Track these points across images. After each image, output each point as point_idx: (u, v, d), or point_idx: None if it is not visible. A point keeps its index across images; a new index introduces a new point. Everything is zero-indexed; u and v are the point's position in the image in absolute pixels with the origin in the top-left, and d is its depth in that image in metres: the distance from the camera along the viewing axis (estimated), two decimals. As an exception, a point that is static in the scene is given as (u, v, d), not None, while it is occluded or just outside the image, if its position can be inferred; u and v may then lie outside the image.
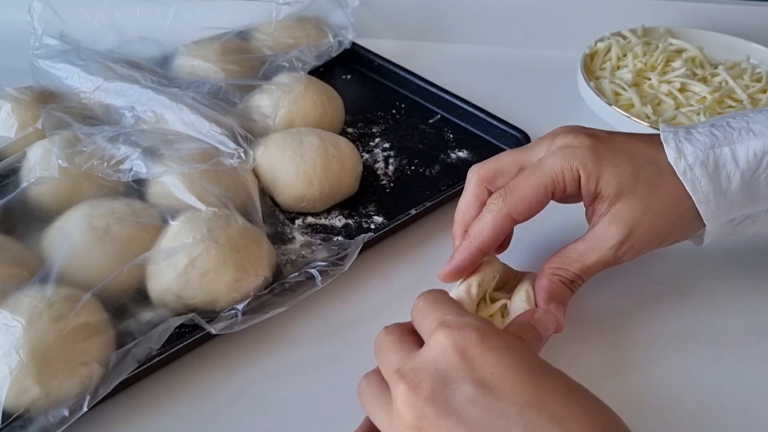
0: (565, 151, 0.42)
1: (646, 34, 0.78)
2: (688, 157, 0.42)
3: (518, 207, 0.42)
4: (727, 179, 0.42)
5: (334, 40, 0.75)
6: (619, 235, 0.41)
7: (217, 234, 0.46)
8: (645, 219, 0.41)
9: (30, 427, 0.38)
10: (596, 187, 0.42)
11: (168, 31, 0.69)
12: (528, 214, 0.43)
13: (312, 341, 0.47)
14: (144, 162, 0.50)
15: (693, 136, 0.43)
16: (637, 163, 0.42)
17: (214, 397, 0.43)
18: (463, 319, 0.35)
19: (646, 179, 0.42)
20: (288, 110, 0.62)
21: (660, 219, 0.42)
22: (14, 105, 0.57)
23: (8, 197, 0.48)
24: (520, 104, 0.71)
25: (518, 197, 0.42)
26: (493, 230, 0.43)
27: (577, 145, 0.42)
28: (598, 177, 0.41)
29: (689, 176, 0.41)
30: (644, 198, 0.41)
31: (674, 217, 0.43)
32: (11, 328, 0.39)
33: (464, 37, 0.84)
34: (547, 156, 0.43)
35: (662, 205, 0.42)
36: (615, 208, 0.42)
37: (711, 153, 0.42)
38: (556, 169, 0.42)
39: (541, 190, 0.42)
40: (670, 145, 0.42)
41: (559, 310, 0.42)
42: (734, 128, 0.43)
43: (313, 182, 0.55)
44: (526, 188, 0.42)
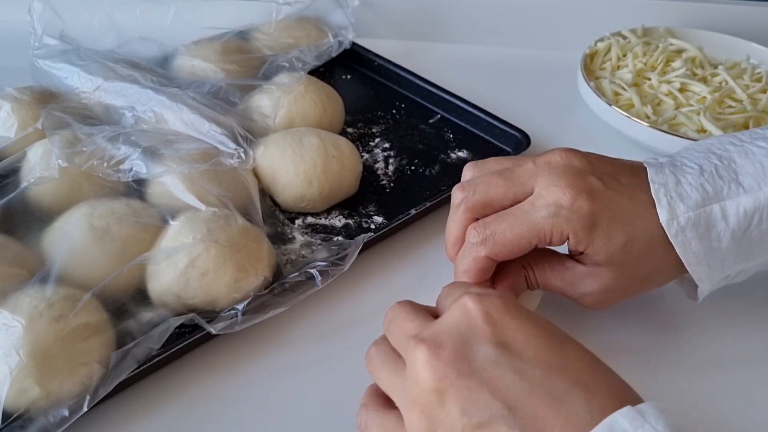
0: (558, 212, 0.40)
1: (646, 34, 0.78)
2: (680, 219, 0.40)
3: (498, 253, 0.41)
4: (718, 238, 0.41)
5: (334, 40, 0.75)
6: (593, 291, 0.42)
7: (217, 234, 0.46)
8: (622, 286, 0.42)
9: (30, 427, 0.38)
10: (584, 251, 0.41)
11: (168, 31, 0.69)
12: (507, 258, 0.42)
13: (312, 341, 0.47)
14: (144, 162, 0.50)
15: (684, 189, 0.41)
16: (631, 234, 0.41)
17: (214, 397, 0.43)
18: (489, 290, 0.36)
19: (637, 252, 0.41)
20: (288, 110, 0.62)
21: (639, 285, 0.43)
22: (14, 105, 0.57)
23: (8, 197, 0.48)
24: (520, 104, 0.71)
25: (500, 244, 0.41)
26: (476, 271, 0.42)
27: (573, 210, 0.40)
28: (588, 245, 0.41)
29: (680, 239, 0.41)
30: (630, 269, 0.41)
31: (655, 282, 0.44)
32: (11, 328, 0.39)
33: (464, 37, 0.84)
34: (539, 209, 0.40)
35: (646, 274, 0.42)
36: (600, 269, 0.41)
37: (702, 212, 0.41)
38: (546, 228, 0.40)
39: (524, 242, 0.41)
40: (662, 204, 0.41)
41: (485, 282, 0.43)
42: (723, 179, 0.41)
43: (313, 182, 0.55)
44: (510, 237, 0.41)
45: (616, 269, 0.41)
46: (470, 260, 0.42)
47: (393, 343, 0.37)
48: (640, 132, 0.63)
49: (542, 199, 0.41)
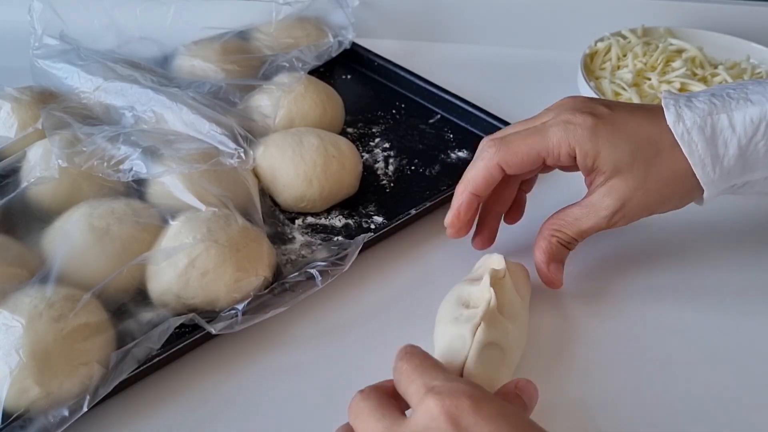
0: (566, 127, 0.44)
1: (646, 34, 0.78)
2: (686, 122, 0.43)
3: (509, 160, 0.45)
4: (724, 145, 0.43)
5: (334, 40, 0.75)
6: (613, 206, 0.44)
7: (217, 234, 0.46)
8: (638, 194, 0.44)
9: (30, 427, 0.38)
10: (593, 164, 0.44)
11: (168, 31, 0.69)
12: (518, 169, 0.46)
13: (312, 341, 0.47)
14: (144, 162, 0.50)
15: (693, 103, 0.44)
16: (635, 143, 0.44)
17: (214, 397, 0.43)
18: (453, 384, 0.33)
19: (643, 158, 0.44)
20: (288, 110, 0.62)
21: (653, 194, 0.45)
22: (14, 105, 0.57)
23: (8, 197, 0.48)
24: (520, 104, 0.71)
25: (511, 152, 0.45)
26: (484, 177, 0.46)
27: (578, 123, 0.44)
28: (595, 156, 0.44)
29: (686, 139, 0.43)
30: (639, 176, 0.44)
31: (667, 192, 0.45)
32: (11, 328, 0.39)
33: (464, 37, 0.84)
34: (549, 125, 0.45)
35: (656, 182, 0.44)
36: (611, 182, 0.44)
37: (709, 119, 0.43)
38: (554, 140, 0.44)
39: (534, 154, 0.45)
40: (670, 110, 0.44)
41: (558, 269, 0.47)
42: (732, 98, 0.44)
43: (313, 182, 0.55)
44: (522, 146, 0.45)
45: (627, 177, 0.44)
46: (481, 165, 0.46)
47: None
48: (640, 132, 0.63)
49: (553, 120, 0.45)
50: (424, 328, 0.45)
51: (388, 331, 0.48)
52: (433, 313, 0.45)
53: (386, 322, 0.48)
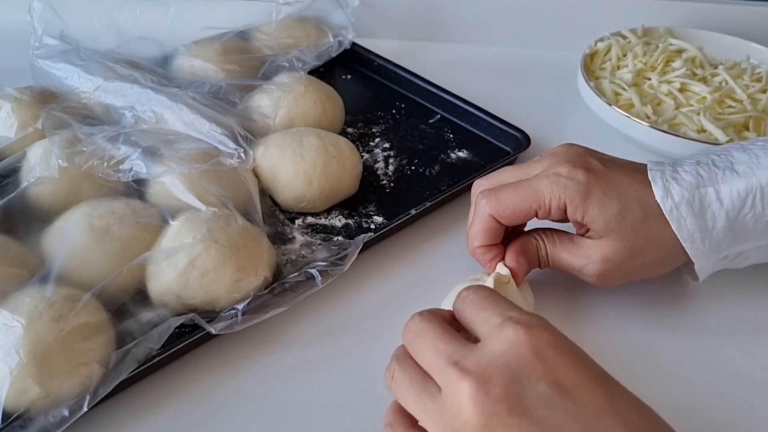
0: (557, 180, 0.44)
1: (646, 34, 0.78)
2: (674, 197, 0.43)
3: (501, 212, 0.45)
4: (713, 218, 0.43)
5: (334, 40, 0.75)
6: (595, 259, 0.44)
7: (217, 234, 0.46)
8: (622, 257, 0.44)
9: (30, 427, 0.38)
10: (582, 220, 0.44)
11: (168, 31, 0.69)
12: (511, 221, 0.46)
13: (312, 341, 0.47)
14: (144, 162, 0.50)
15: (679, 175, 0.44)
16: (625, 203, 0.43)
17: (214, 397, 0.43)
18: (531, 318, 0.34)
19: (632, 220, 0.43)
20: (288, 110, 0.62)
21: (640, 259, 0.44)
22: (14, 105, 0.57)
23: (8, 197, 0.48)
24: (520, 104, 0.71)
25: (503, 204, 0.45)
26: (485, 230, 0.46)
27: (571, 178, 0.44)
28: (584, 213, 0.43)
29: (675, 215, 0.43)
30: (628, 238, 0.43)
31: (655, 258, 0.45)
32: (11, 328, 0.39)
33: (464, 37, 0.84)
34: (540, 177, 0.45)
35: (644, 247, 0.44)
36: (602, 241, 0.44)
37: (696, 193, 0.43)
38: (545, 194, 0.44)
39: (525, 206, 0.44)
40: (657, 184, 0.44)
41: (524, 264, 0.46)
42: (719, 167, 0.44)
43: (313, 182, 0.55)
44: (512, 198, 0.45)
45: (613, 237, 0.43)
46: (477, 220, 0.46)
47: (422, 364, 0.35)
48: (640, 132, 0.63)
49: (544, 172, 0.45)
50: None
51: (388, 331, 0.47)
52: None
53: (386, 322, 0.48)
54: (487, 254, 0.47)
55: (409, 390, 0.34)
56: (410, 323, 0.36)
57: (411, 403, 0.34)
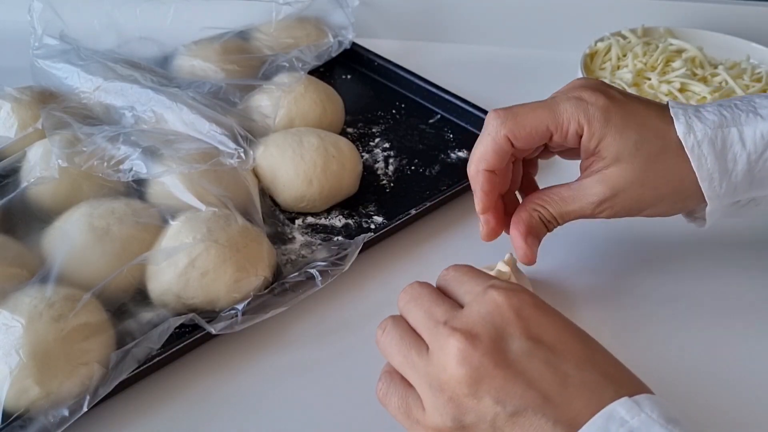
0: (578, 103, 0.43)
1: (646, 34, 0.78)
2: (697, 133, 0.42)
3: (517, 132, 0.43)
4: (733, 160, 0.42)
5: (334, 40, 0.75)
6: (602, 195, 0.43)
7: (217, 234, 0.46)
8: (632, 188, 0.42)
9: (30, 427, 0.38)
10: (596, 147, 0.43)
11: (168, 31, 0.69)
12: (526, 143, 0.44)
13: (312, 341, 0.47)
14: (144, 162, 0.50)
15: (702, 114, 0.43)
16: (643, 134, 0.42)
17: (214, 397, 0.43)
18: (512, 284, 0.36)
19: (647, 152, 0.42)
20: (288, 110, 0.62)
21: (649, 190, 0.43)
22: (14, 105, 0.57)
23: (8, 197, 0.48)
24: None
25: (519, 124, 0.43)
26: (494, 150, 0.44)
27: (591, 102, 0.43)
28: (601, 138, 0.42)
29: (696, 152, 0.42)
30: (639, 169, 0.42)
31: (664, 192, 0.43)
32: (11, 328, 0.39)
33: (464, 37, 0.84)
34: (560, 100, 0.43)
35: (655, 180, 0.43)
36: (608, 170, 0.43)
37: (719, 132, 0.42)
38: (564, 115, 0.43)
39: (543, 127, 0.43)
40: (680, 120, 0.42)
41: (534, 243, 0.45)
42: (742, 110, 0.43)
43: (313, 182, 0.55)
44: (530, 118, 0.43)
45: (625, 167, 0.42)
46: (490, 139, 0.43)
47: (414, 324, 0.36)
48: (640, 132, 0.63)
49: (564, 95, 0.44)
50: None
51: (388, 331, 0.48)
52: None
53: (386, 322, 0.48)
54: (487, 183, 0.45)
55: (399, 344, 0.36)
56: (407, 288, 0.38)
57: (397, 359, 0.36)
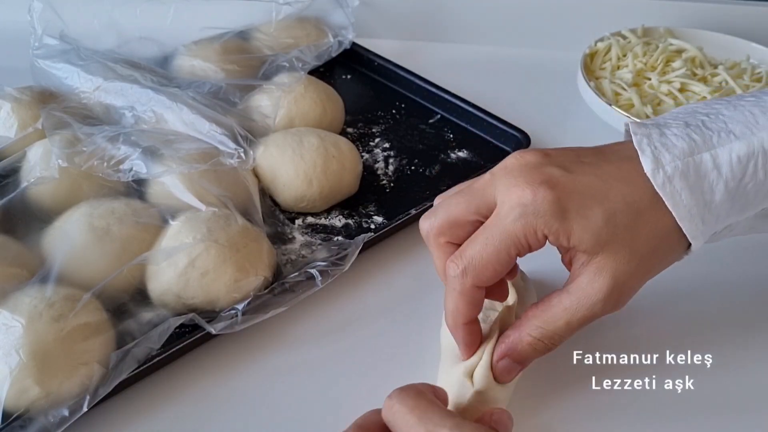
0: (524, 212, 0.36)
1: (646, 34, 0.78)
2: (666, 168, 0.37)
3: (482, 276, 0.38)
4: (710, 191, 0.37)
5: (334, 40, 0.75)
6: (607, 287, 0.37)
7: (217, 234, 0.46)
8: (632, 265, 0.37)
9: (30, 427, 0.38)
10: (568, 243, 0.37)
11: (168, 31, 0.69)
12: (495, 279, 0.38)
13: (312, 341, 0.47)
14: (144, 162, 0.50)
15: (669, 140, 0.38)
16: (610, 209, 0.37)
17: (214, 397, 0.43)
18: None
19: (624, 224, 0.37)
20: (288, 110, 0.62)
21: (647, 260, 0.38)
22: (14, 105, 0.57)
23: (8, 197, 0.48)
24: (520, 104, 0.71)
25: (480, 266, 0.37)
26: (467, 303, 0.38)
27: (537, 203, 0.36)
28: (569, 234, 0.36)
29: (668, 190, 0.37)
30: (626, 244, 0.37)
31: (660, 254, 0.39)
32: (11, 328, 0.39)
33: (464, 37, 0.84)
34: (505, 216, 0.37)
35: (647, 245, 0.37)
36: (598, 258, 0.37)
37: (691, 161, 0.37)
38: (518, 233, 0.37)
39: (503, 256, 0.37)
40: (645, 153, 0.37)
41: (514, 368, 0.39)
42: (712, 129, 0.38)
43: (313, 182, 0.55)
44: (487, 255, 0.37)
45: (612, 250, 0.37)
46: (457, 295, 0.38)
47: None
48: (640, 132, 0.63)
49: (505, 205, 0.37)
50: (425, 328, 0.45)
51: (389, 331, 0.48)
52: (433, 312, 0.45)
53: (386, 322, 0.48)
54: (468, 336, 0.40)
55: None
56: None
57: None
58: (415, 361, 0.44)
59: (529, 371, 0.44)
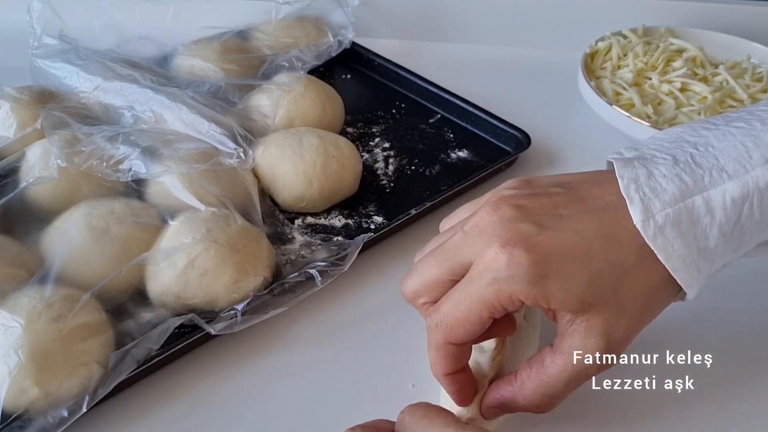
0: (497, 277, 0.34)
1: (646, 33, 0.78)
2: (657, 218, 0.34)
3: (455, 334, 0.36)
4: (704, 237, 0.35)
5: (334, 39, 0.74)
6: (600, 347, 0.35)
7: (216, 234, 0.46)
8: (622, 323, 0.35)
9: (29, 427, 0.38)
10: (548, 305, 0.35)
11: (167, 30, 0.69)
12: (470, 338, 0.36)
13: (312, 341, 0.47)
14: (143, 162, 0.50)
15: (657, 182, 0.35)
16: (593, 270, 0.34)
17: (214, 398, 0.43)
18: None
19: (609, 284, 0.35)
20: (288, 110, 0.62)
21: (638, 316, 0.36)
22: (13, 105, 0.57)
23: (7, 197, 0.48)
24: (520, 104, 0.71)
25: (452, 325, 0.36)
26: (444, 357, 0.37)
27: (512, 268, 0.34)
28: (548, 298, 0.34)
29: (660, 242, 0.34)
30: (613, 304, 0.35)
31: (654, 304, 0.37)
32: (10, 328, 0.39)
33: (464, 37, 0.84)
34: (478, 278, 0.35)
35: (636, 303, 0.35)
36: (585, 317, 0.35)
37: (682, 207, 0.35)
38: (490, 298, 0.35)
39: (475, 318, 0.35)
40: (634, 203, 0.35)
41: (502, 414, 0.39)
42: (703, 167, 0.36)
43: (313, 182, 0.55)
44: (459, 315, 0.35)
45: (599, 310, 0.35)
46: (434, 351, 0.37)
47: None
48: (641, 132, 0.63)
49: (477, 267, 0.35)
50: (424, 329, 0.45)
51: (388, 331, 0.48)
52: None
53: (386, 322, 0.48)
54: (453, 385, 0.38)
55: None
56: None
57: None
58: (415, 361, 0.44)
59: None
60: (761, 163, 0.35)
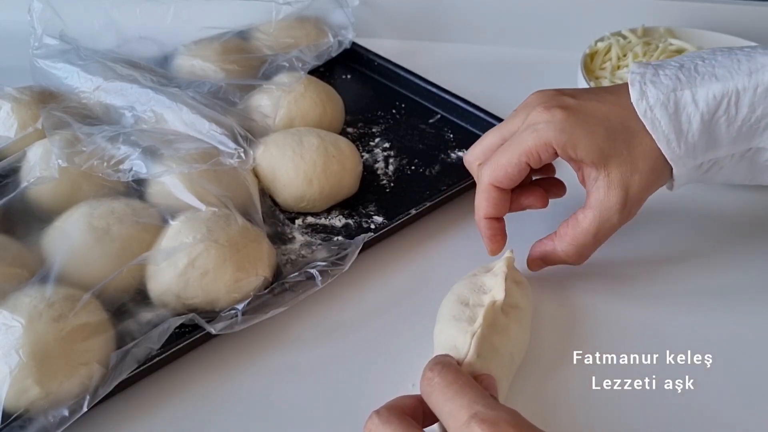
0: (537, 128, 0.45)
1: (646, 34, 0.78)
2: (649, 99, 0.44)
3: (497, 177, 0.46)
4: (688, 121, 0.43)
5: (334, 39, 0.75)
6: (621, 197, 0.44)
7: (217, 234, 0.46)
8: (635, 178, 0.44)
9: (30, 427, 0.38)
10: (575, 155, 0.44)
11: (168, 30, 0.69)
12: (509, 182, 0.46)
13: (312, 341, 0.47)
14: (144, 162, 0.50)
15: (659, 78, 0.45)
16: (610, 126, 0.44)
17: (214, 397, 0.43)
18: (496, 412, 0.32)
19: (623, 141, 0.44)
20: (288, 110, 0.62)
21: (647, 175, 0.45)
22: (14, 105, 0.57)
23: (8, 197, 0.48)
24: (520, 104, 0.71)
25: (496, 169, 0.46)
26: (487, 199, 0.47)
27: (547, 120, 0.45)
28: (574, 146, 0.44)
29: (649, 116, 0.44)
30: (627, 159, 0.44)
31: (657, 171, 0.45)
32: (11, 328, 0.39)
33: (464, 37, 0.84)
34: (521, 131, 0.46)
35: (644, 163, 0.44)
36: (606, 172, 0.44)
37: (672, 95, 0.44)
38: (529, 144, 0.45)
39: (514, 162, 0.45)
40: (634, 87, 0.44)
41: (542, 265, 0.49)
42: (699, 72, 0.44)
43: (313, 182, 0.55)
44: (503, 161, 0.46)
45: (616, 164, 0.44)
46: (479, 195, 0.47)
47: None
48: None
49: (525, 125, 0.46)
50: (425, 328, 0.45)
51: (389, 331, 0.48)
52: (434, 313, 0.45)
53: (386, 322, 0.48)
54: (488, 230, 0.48)
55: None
56: (369, 425, 0.34)
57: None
58: (415, 361, 0.44)
59: (529, 371, 0.44)
60: (746, 73, 0.43)
